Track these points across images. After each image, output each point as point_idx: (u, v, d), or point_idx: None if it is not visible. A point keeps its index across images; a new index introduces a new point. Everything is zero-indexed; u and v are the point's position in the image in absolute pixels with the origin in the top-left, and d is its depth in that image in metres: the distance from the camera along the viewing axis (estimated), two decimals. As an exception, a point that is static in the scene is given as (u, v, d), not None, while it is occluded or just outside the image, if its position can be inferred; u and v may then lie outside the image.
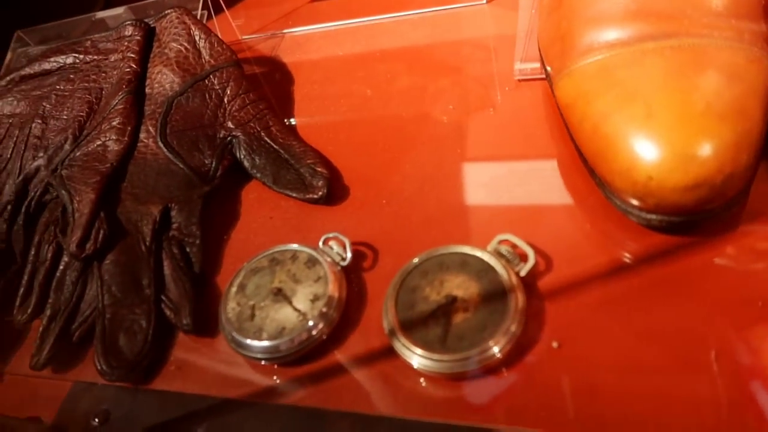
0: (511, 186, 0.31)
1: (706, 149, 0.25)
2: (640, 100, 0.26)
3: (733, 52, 0.27)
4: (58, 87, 0.39)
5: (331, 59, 0.43)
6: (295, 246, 0.30)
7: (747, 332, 0.25)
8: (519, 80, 0.36)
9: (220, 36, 0.39)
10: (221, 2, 0.45)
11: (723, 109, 0.25)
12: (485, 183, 0.32)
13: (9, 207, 0.35)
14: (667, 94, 0.26)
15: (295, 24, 0.47)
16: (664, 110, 0.26)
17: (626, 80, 0.27)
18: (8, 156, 0.38)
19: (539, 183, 0.31)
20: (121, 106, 0.36)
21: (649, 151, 0.25)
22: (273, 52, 0.45)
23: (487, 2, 0.42)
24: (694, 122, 0.25)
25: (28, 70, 0.41)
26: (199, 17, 0.41)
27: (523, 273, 0.27)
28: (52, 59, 0.41)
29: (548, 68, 0.33)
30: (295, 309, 0.28)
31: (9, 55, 0.45)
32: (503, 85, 0.37)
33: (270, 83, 0.43)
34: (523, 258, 0.28)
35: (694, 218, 0.27)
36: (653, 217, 0.27)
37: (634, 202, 0.27)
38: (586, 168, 0.30)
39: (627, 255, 0.28)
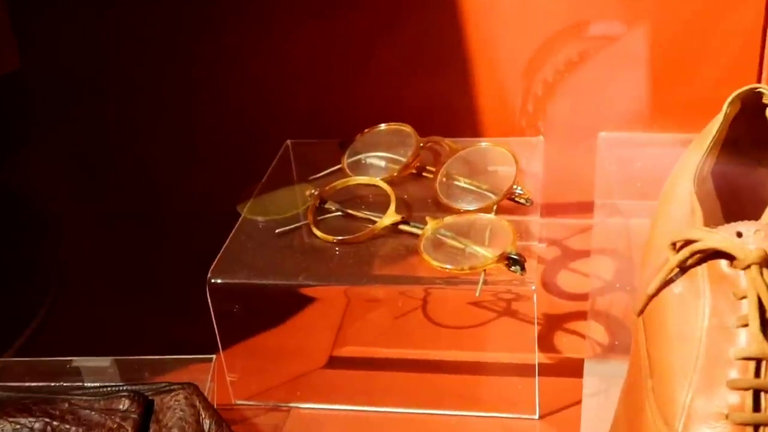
0: None
1: None
2: None
3: None
4: (19, 461, 0.49)
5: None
6: None
7: None
8: None
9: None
10: (218, 342, 0.58)
11: None
12: None
13: None
14: None
15: (304, 396, 0.60)
16: None
17: None
18: None
19: None
20: None
21: None
22: (275, 434, 0.57)
23: (539, 418, 0.57)
24: None
25: (-19, 428, 0.51)
26: (207, 391, 0.53)
27: None
28: (15, 419, 0.51)
29: None
30: None
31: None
32: None
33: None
34: None
35: None
36: None
37: None
38: None
39: None
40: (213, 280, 0.56)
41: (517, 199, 0.59)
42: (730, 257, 0.44)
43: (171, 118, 0.80)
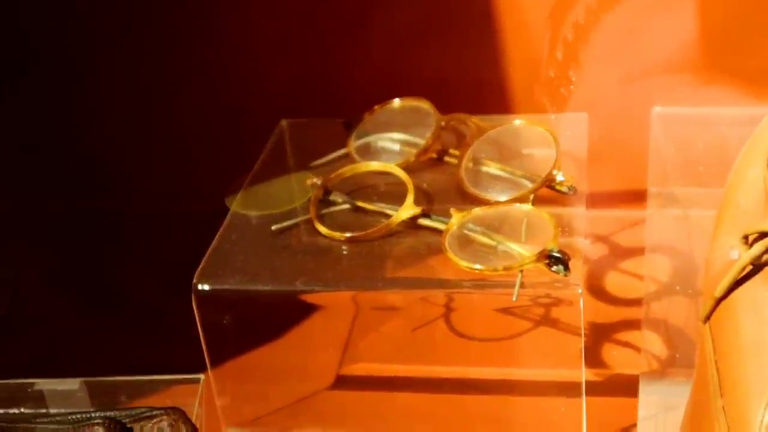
0: None
1: None
2: None
3: None
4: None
5: None
6: None
7: None
8: None
9: None
10: (206, 360, 0.59)
11: None
12: None
13: None
14: None
15: (306, 422, 0.60)
16: None
17: None
18: None
19: None
20: None
21: None
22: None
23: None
24: None
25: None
26: (194, 417, 0.54)
27: None
28: (-30, 452, 0.52)
29: None
30: None
31: None
32: None
33: None
34: None
35: None
36: None
37: None
38: None
39: None
40: (199, 287, 0.57)
41: (557, 186, 0.59)
42: (814, 252, 0.45)
43: (139, 97, 0.80)
